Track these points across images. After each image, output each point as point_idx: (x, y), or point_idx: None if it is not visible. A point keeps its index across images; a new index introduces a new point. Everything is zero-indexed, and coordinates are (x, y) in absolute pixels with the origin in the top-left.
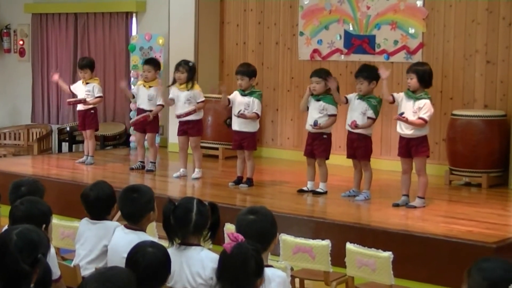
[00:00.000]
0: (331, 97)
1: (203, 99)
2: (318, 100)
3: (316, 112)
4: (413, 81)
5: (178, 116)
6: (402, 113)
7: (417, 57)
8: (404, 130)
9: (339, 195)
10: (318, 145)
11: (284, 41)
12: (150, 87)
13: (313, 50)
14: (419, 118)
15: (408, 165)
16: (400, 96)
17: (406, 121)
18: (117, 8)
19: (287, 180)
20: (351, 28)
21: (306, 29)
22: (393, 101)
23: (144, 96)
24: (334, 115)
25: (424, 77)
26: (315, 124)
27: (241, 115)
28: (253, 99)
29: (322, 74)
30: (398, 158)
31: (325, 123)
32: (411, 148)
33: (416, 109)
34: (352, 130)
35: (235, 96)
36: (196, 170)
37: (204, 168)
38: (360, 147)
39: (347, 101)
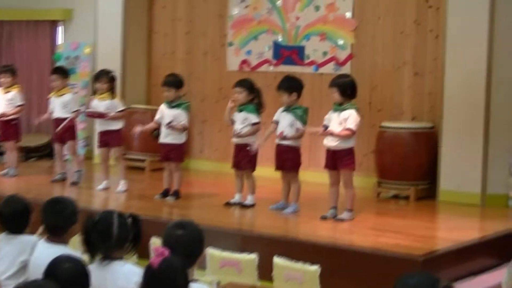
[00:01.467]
0: (253, 107)
1: (123, 107)
2: (240, 110)
3: (240, 123)
4: (335, 95)
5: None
6: (326, 127)
7: (346, 69)
8: (330, 142)
9: (268, 208)
10: (243, 157)
11: (213, 51)
12: (61, 95)
13: (242, 61)
14: (346, 129)
15: (335, 177)
16: (330, 113)
17: (332, 134)
18: (43, 16)
19: (215, 193)
20: (280, 39)
21: (235, 39)
22: (327, 126)
23: (57, 104)
24: (257, 124)
25: (345, 90)
26: (237, 134)
27: (170, 127)
28: (180, 111)
29: (245, 84)
30: (326, 170)
31: (245, 131)
32: (336, 161)
33: (341, 120)
34: (281, 142)
35: (162, 109)
36: (121, 182)
37: (130, 181)
38: (288, 159)
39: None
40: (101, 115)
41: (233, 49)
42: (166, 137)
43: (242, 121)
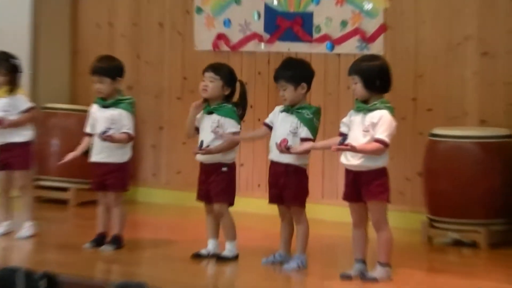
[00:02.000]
0: (230, 108)
1: (30, 105)
2: (210, 112)
3: (208, 131)
4: (358, 87)
5: None
6: (345, 139)
7: (376, 47)
8: (350, 159)
9: (258, 262)
10: (214, 183)
11: (172, 21)
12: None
13: (217, 36)
14: (375, 140)
15: (361, 213)
16: (350, 114)
17: (353, 149)
18: None
19: (175, 239)
20: (275, 3)
21: (206, 3)
22: (346, 135)
23: None
24: (235, 134)
25: (372, 79)
26: (200, 145)
27: (105, 137)
28: (120, 112)
29: (221, 70)
30: (347, 202)
31: (217, 145)
32: (361, 188)
33: (367, 126)
34: (277, 159)
35: (94, 110)
36: (26, 224)
37: (44, 220)
38: (289, 186)
39: (271, 128)
40: None
41: (203, 19)
42: (100, 154)
43: (213, 127)
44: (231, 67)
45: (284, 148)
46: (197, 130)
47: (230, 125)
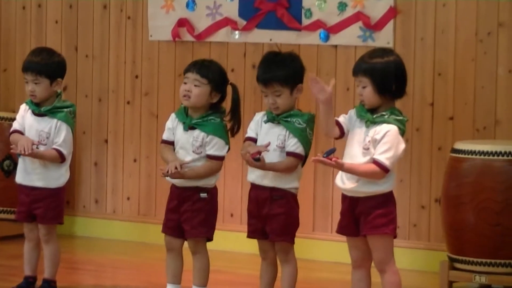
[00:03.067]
0: (219, 123)
1: None
2: (191, 127)
3: (188, 150)
4: (366, 92)
5: None
6: (332, 151)
7: (384, 38)
8: (346, 181)
9: None
10: (190, 212)
11: (119, 2)
12: None
13: (178, 22)
14: (373, 161)
15: (361, 251)
16: (351, 116)
17: (338, 166)
18: None
19: (125, 284)
20: None
21: None
22: (342, 134)
23: None
24: (218, 158)
25: (386, 82)
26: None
27: (30, 153)
28: (56, 123)
29: (210, 71)
30: (344, 236)
31: (192, 169)
32: (359, 218)
33: (369, 142)
34: (259, 183)
35: (23, 117)
36: None
37: None
38: (275, 216)
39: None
40: None
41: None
42: (28, 174)
43: (193, 145)
44: (220, 66)
45: (252, 159)
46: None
47: (216, 146)
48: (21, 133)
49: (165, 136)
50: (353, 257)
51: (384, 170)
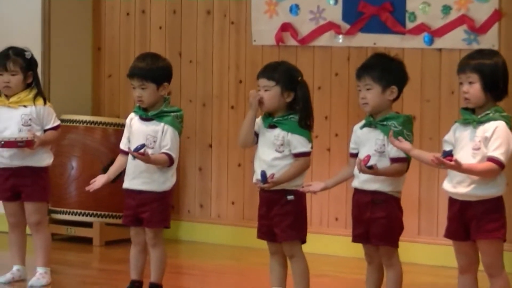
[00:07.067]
0: (296, 122)
1: (58, 123)
2: (272, 125)
3: (270, 150)
4: (473, 88)
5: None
6: (449, 152)
7: (490, 40)
8: (457, 186)
9: None
10: (278, 216)
11: (223, 8)
12: None
13: (281, 26)
14: (488, 158)
15: (469, 255)
16: (453, 130)
17: (457, 167)
18: None
19: None
20: None
21: None
22: (451, 156)
23: None
24: (306, 154)
25: (494, 79)
26: (263, 177)
27: (139, 154)
28: (163, 127)
29: (277, 72)
30: (451, 240)
31: (283, 173)
32: (469, 222)
33: (479, 142)
34: (361, 187)
35: (132, 124)
36: (39, 270)
37: (62, 265)
38: (377, 220)
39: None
40: (14, 143)
41: (263, 4)
42: (135, 179)
43: (277, 146)
44: (289, 64)
45: (364, 166)
46: (256, 136)
47: (299, 144)
48: (126, 153)
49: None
50: (460, 262)
51: (501, 166)
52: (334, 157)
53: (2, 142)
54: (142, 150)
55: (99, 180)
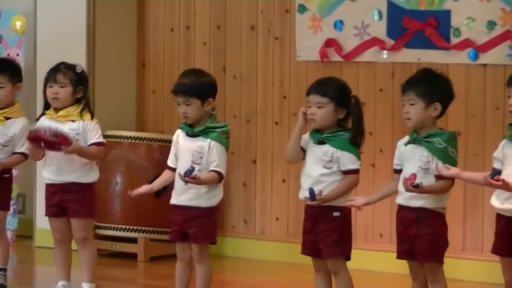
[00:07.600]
0: (347, 138)
1: (102, 140)
2: (321, 141)
3: (317, 166)
4: None
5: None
6: (497, 172)
7: None
8: (504, 202)
9: None
10: (324, 233)
11: (267, 23)
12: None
13: (325, 42)
14: None
15: None
16: (502, 147)
17: (506, 187)
18: None
19: None
20: None
21: (310, 0)
22: (498, 173)
23: None
24: (355, 172)
25: None
26: (311, 195)
27: (190, 179)
28: (210, 143)
29: (330, 89)
30: (498, 256)
31: (331, 191)
32: None
33: None
34: (405, 204)
35: (177, 138)
36: (85, 286)
37: (106, 281)
38: (422, 236)
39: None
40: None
41: (307, 19)
42: (182, 195)
43: (325, 162)
44: (341, 81)
45: (411, 185)
46: (303, 151)
47: (348, 161)
48: (172, 169)
49: None
50: (507, 278)
51: None
52: (379, 173)
53: (34, 131)
54: (193, 174)
55: (143, 188)
